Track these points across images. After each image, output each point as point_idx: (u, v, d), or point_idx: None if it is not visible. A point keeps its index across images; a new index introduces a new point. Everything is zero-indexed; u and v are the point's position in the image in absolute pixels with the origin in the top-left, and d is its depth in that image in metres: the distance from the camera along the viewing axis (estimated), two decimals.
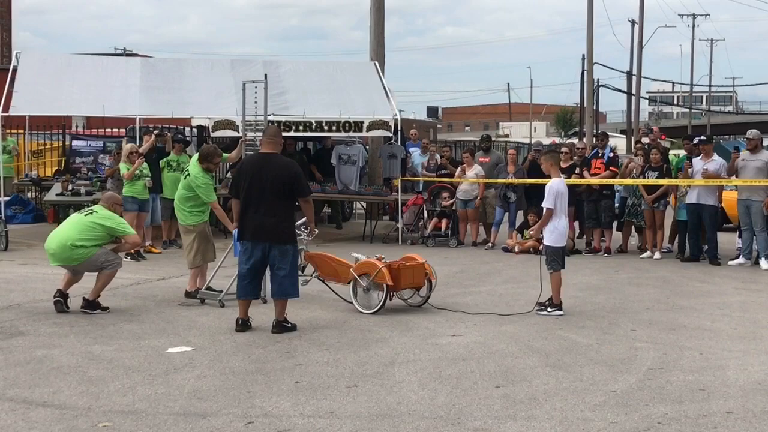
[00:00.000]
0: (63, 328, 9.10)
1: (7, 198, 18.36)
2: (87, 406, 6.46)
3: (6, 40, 61.28)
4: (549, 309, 10.15)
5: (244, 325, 9.09)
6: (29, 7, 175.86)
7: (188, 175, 10.81)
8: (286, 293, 9.07)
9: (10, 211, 19.00)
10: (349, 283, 10.25)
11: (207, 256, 10.91)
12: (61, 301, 9.91)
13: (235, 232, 9.50)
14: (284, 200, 8.99)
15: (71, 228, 9.94)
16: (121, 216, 10.58)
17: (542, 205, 10.43)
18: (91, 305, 9.91)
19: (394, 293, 10.12)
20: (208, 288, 10.72)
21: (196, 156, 11.02)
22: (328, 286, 10.69)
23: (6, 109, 16.56)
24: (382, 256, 10.42)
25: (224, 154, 11.62)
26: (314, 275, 10.67)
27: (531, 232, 11.44)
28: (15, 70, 17.50)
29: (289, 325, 9.07)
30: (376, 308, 10.00)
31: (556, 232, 10.26)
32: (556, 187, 10.28)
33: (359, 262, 10.31)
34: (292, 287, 9.10)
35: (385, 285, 9.95)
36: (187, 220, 10.82)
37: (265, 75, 10.70)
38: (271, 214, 8.91)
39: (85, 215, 10.07)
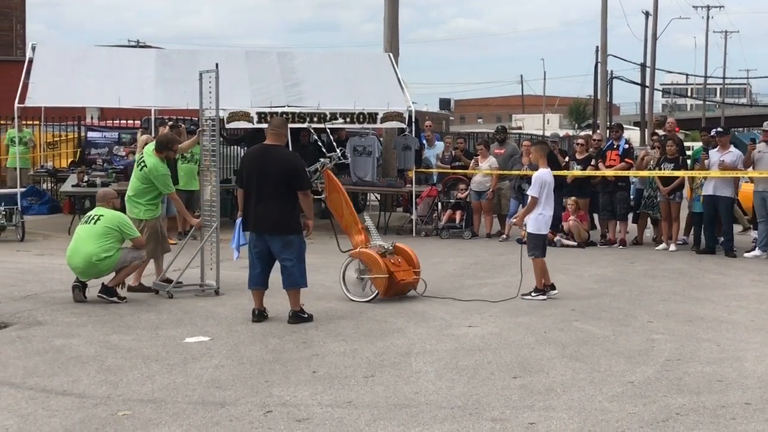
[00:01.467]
0: (81, 317, 9.14)
1: (23, 189, 18.44)
2: (106, 394, 6.50)
3: (20, 32, 61.44)
4: (533, 293, 10.43)
5: (260, 315, 9.12)
6: (43, 0, 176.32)
7: (144, 166, 10.63)
8: (295, 283, 9.10)
9: (26, 202, 19.08)
10: (346, 252, 10.34)
11: (157, 251, 10.78)
12: (79, 286, 9.96)
13: (238, 221, 9.50)
14: (285, 193, 8.99)
15: (89, 242, 9.84)
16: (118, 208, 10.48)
17: (527, 192, 10.79)
18: (109, 292, 9.95)
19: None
20: (164, 280, 10.67)
21: (151, 146, 10.87)
22: (330, 218, 10.71)
23: (22, 100, 16.63)
24: (390, 246, 10.46)
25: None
26: (323, 197, 10.69)
27: (514, 220, 11.59)
28: (30, 62, 17.56)
29: (305, 315, 9.10)
30: (361, 299, 10.15)
31: (538, 219, 10.56)
32: (542, 177, 10.62)
33: (366, 250, 10.28)
34: (300, 277, 9.13)
35: (376, 291, 10.16)
36: (141, 215, 10.63)
37: (216, 65, 10.49)
38: (273, 206, 8.94)
39: (94, 223, 9.97)
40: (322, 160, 10.80)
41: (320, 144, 13.85)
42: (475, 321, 9.17)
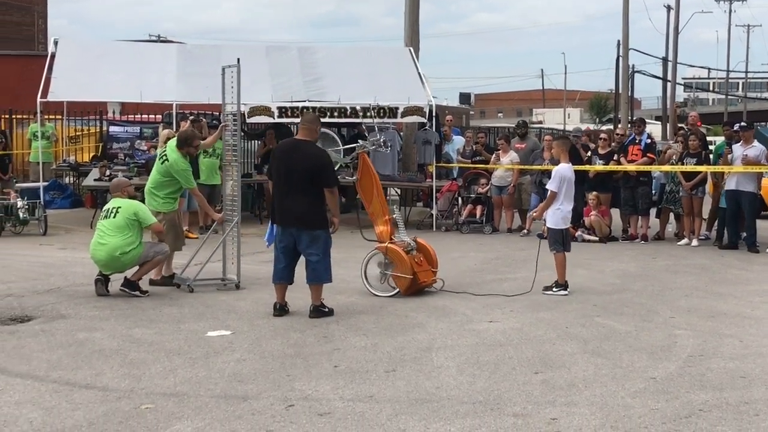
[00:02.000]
0: (104, 311, 9.19)
1: (45, 183, 18.55)
2: (129, 388, 6.53)
3: (42, 27, 61.80)
4: (554, 289, 10.42)
5: (281, 309, 9.14)
6: None
7: (166, 160, 10.67)
8: (320, 278, 9.13)
9: (49, 196, 19.19)
10: (371, 241, 10.36)
11: (178, 244, 10.84)
12: (101, 280, 10.01)
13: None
14: (313, 188, 9.01)
15: (112, 236, 9.89)
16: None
17: (547, 186, 10.74)
18: (132, 286, 10.00)
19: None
20: (171, 276, 10.75)
21: (173, 141, 10.90)
22: (357, 203, 10.77)
23: (44, 95, 16.73)
24: (413, 242, 10.47)
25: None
26: (354, 179, 10.73)
27: (534, 214, 11.56)
28: (53, 56, 17.66)
29: (326, 309, 9.12)
30: (383, 294, 10.17)
31: (557, 214, 10.54)
32: (562, 171, 10.59)
33: (393, 247, 10.28)
34: (324, 272, 9.15)
35: (398, 289, 10.18)
36: (159, 207, 10.64)
37: (238, 60, 10.48)
38: (300, 200, 8.97)
39: (114, 216, 9.99)
40: (360, 142, 10.82)
41: (343, 136, 13.87)
42: (496, 316, 9.15)
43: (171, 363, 7.23)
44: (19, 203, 15.85)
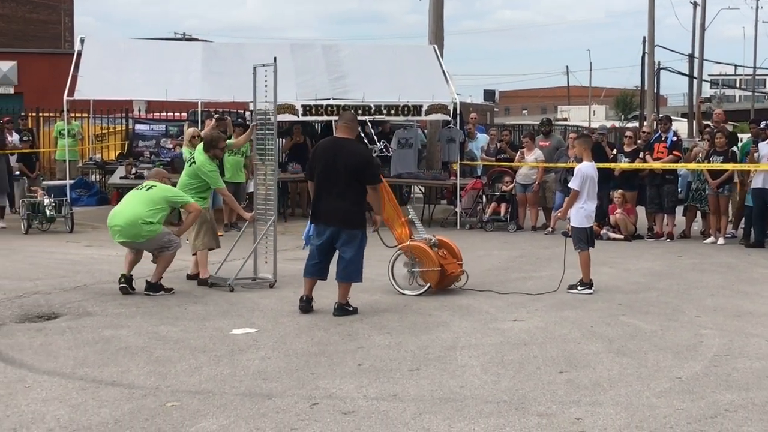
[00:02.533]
0: (129, 309, 9.25)
1: (72, 181, 18.69)
2: (155, 385, 6.57)
3: (68, 25, 62.23)
4: (579, 287, 10.40)
5: (307, 302, 9.20)
6: None
7: (194, 163, 10.87)
8: (350, 277, 9.15)
9: (75, 194, 19.33)
10: (394, 247, 10.32)
11: (213, 242, 10.94)
12: (126, 287, 10.03)
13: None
14: (355, 186, 9.02)
15: (138, 204, 10.00)
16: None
17: (569, 185, 10.70)
18: (154, 287, 10.05)
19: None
20: (195, 275, 10.88)
21: (201, 144, 11.06)
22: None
23: (71, 93, 16.85)
24: (434, 239, 10.49)
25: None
26: None
27: (558, 214, 11.52)
28: (79, 55, 17.78)
29: (351, 308, 9.13)
30: (413, 293, 10.16)
31: (581, 213, 10.53)
32: (585, 170, 10.57)
33: (416, 243, 10.28)
34: (355, 272, 9.18)
35: (428, 285, 10.19)
36: None
37: (275, 58, 10.45)
38: (342, 199, 8.98)
39: (147, 190, 10.14)
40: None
41: (362, 136, 13.84)
42: (520, 315, 9.14)
43: (196, 360, 7.27)
44: (46, 201, 15.98)
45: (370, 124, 16.25)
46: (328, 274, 9.35)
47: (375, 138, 15.87)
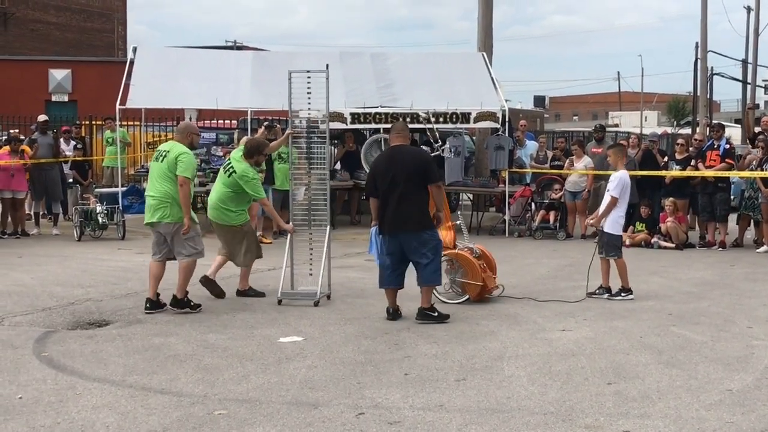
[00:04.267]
0: (178, 316, 9.34)
1: (124, 188, 18.94)
2: (203, 393, 6.63)
3: (122, 34, 63.14)
4: (623, 294, 10.47)
5: (394, 314, 9.27)
6: (146, 1, 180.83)
7: (233, 172, 10.39)
8: (429, 281, 9.22)
9: (127, 201, 19.58)
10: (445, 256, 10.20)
11: (259, 252, 10.70)
12: (151, 311, 9.46)
13: (373, 229, 9.54)
14: (419, 189, 9.12)
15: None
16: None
17: (609, 193, 10.70)
18: (180, 303, 9.56)
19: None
20: (247, 290, 10.59)
21: (239, 152, 10.66)
22: None
23: (123, 102, 17.09)
24: (475, 247, 10.46)
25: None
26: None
27: (591, 221, 11.42)
28: (131, 63, 18.03)
29: (435, 314, 9.18)
30: (452, 302, 10.12)
31: (618, 220, 10.63)
32: (623, 177, 10.63)
33: (464, 253, 10.25)
34: (434, 274, 9.24)
35: (467, 296, 10.17)
36: (233, 221, 10.40)
37: (327, 65, 10.34)
38: (407, 204, 9.07)
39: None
40: None
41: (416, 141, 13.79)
42: (569, 325, 9.07)
43: (244, 369, 7.31)
44: (99, 208, 16.21)
45: (429, 133, 16.23)
46: (404, 282, 9.38)
47: (433, 144, 15.67)
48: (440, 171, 18.42)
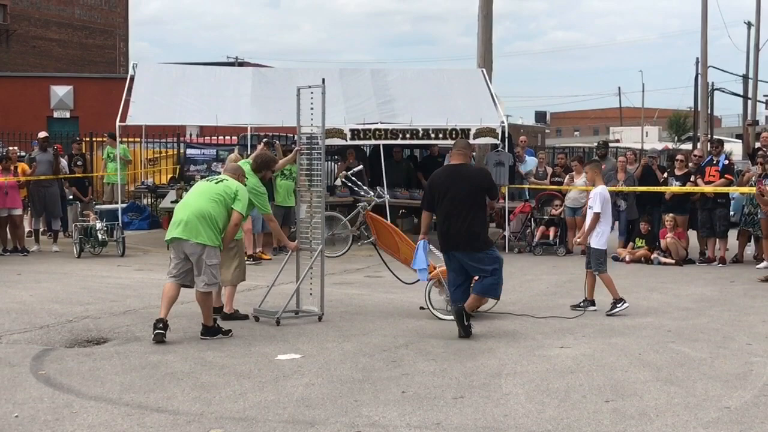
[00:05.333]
0: (177, 333, 9.30)
1: (124, 205, 18.95)
2: (200, 411, 6.61)
3: (123, 50, 63.36)
4: (618, 306, 10.53)
5: (465, 329, 9.34)
6: (148, 18, 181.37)
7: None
8: (485, 292, 9.44)
9: (127, 218, 19.60)
10: (427, 281, 10.23)
11: (245, 274, 10.38)
12: (162, 335, 8.87)
13: (420, 243, 9.59)
14: (479, 208, 9.40)
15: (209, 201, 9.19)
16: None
17: (591, 210, 10.84)
18: (212, 331, 9.18)
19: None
20: (219, 307, 10.07)
21: (246, 165, 10.37)
22: (380, 256, 10.75)
23: (123, 118, 17.12)
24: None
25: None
26: (371, 240, 10.75)
27: (578, 240, 11.45)
28: (132, 79, 18.07)
29: (467, 323, 9.26)
30: (451, 318, 10.00)
31: (603, 235, 10.75)
32: (603, 193, 10.80)
33: (443, 269, 10.22)
34: (493, 288, 9.42)
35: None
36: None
37: (323, 80, 10.26)
38: (467, 223, 9.26)
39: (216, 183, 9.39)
40: (359, 205, 10.70)
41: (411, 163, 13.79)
42: (567, 341, 9.05)
43: (241, 386, 7.30)
44: (98, 225, 16.20)
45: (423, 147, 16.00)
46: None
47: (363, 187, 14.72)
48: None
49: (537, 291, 12.36)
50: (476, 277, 9.45)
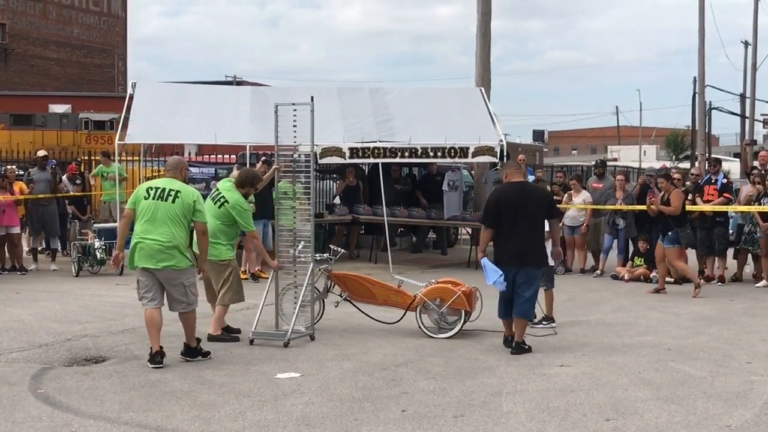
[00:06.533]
0: (176, 352, 9.25)
1: None
2: (199, 430, 6.59)
3: (122, 69, 63.54)
4: (544, 322, 10.75)
5: (511, 343, 9.44)
6: (147, 38, 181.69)
7: (225, 202, 9.98)
8: (526, 314, 9.48)
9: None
10: (414, 308, 10.36)
11: (241, 295, 10.14)
12: (161, 364, 8.63)
13: (484, 260, 9.56)
14: (540, 225, 9.54)
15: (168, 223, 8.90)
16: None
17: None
18: (193, 352, 9.00)
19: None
20: (227, 329, 10.12)
21: (228, 182, 10.30)
22: (357, 308, 10.73)
23: (122, 137, 17.12)
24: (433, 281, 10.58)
25: None
26: (344, 297, 10.70)
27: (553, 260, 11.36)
28: (131, 98, 18.09)
29: (526, 347, 9.35)
30: (452, 333, 10.18)
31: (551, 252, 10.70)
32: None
33: (431, 286, 10.35)
34: (531, 309, 9.54)
35: (463, 311, 10.23)
36: (223, 254, 9.91)
37: (312, 98, 10.23)
38: (529, 240, 9.40)
39: (172, 202, 8.92)
40: (320, 268, 10.46)
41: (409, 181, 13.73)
42: (567, 360, 9.03)
43: (240, 405, 7.27)
44: (97, 244, 16.18)
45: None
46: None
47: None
48: (439, 205, 18.55)
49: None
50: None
